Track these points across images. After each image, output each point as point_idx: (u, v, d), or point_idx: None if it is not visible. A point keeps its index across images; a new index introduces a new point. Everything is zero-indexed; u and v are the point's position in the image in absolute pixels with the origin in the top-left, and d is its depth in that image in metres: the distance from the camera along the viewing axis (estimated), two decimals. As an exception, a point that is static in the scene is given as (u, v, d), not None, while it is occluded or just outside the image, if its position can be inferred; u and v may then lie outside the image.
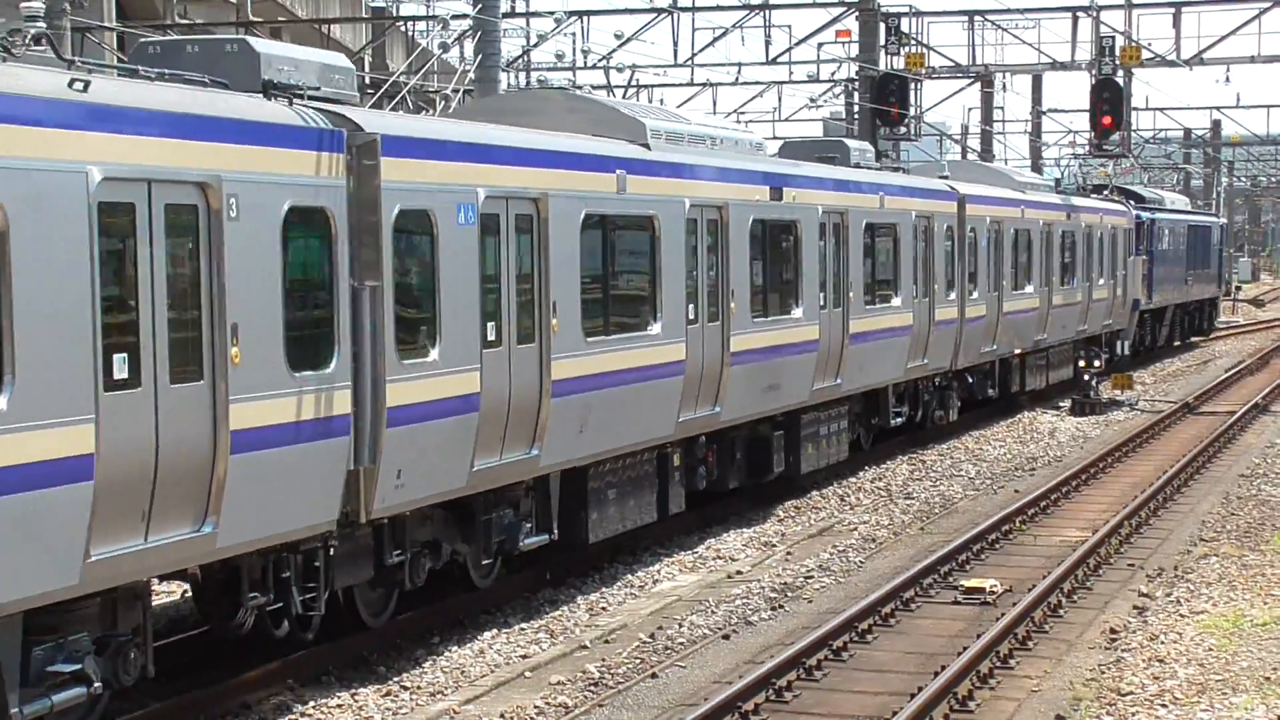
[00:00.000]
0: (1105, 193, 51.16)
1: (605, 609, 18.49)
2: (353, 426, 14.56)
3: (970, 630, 17.12)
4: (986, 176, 37.57)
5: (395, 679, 15.40)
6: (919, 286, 29.84)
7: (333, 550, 14.79)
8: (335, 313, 14.37)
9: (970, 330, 32.60)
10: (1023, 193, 37.32)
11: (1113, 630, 17.25)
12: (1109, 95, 41.48)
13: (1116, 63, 41.69)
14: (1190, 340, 61.75)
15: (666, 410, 20.36)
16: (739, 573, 20.32)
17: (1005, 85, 62.66)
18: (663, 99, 55.88)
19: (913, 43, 43.48)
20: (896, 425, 30.04)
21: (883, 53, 42.61)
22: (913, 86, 42.93)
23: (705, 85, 53.37)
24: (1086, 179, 56.39)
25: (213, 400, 12.83)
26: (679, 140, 21.64)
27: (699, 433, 21.76)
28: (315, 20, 46.69)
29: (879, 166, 31.30)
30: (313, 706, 14.42)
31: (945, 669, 15.06)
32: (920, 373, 30.28)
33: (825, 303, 25.50)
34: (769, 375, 23.34)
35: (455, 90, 30.89)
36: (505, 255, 17.04)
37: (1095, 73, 41.64)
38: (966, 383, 34.01)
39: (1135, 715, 14.01)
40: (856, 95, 45.82)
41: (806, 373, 24.69)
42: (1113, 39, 41.96)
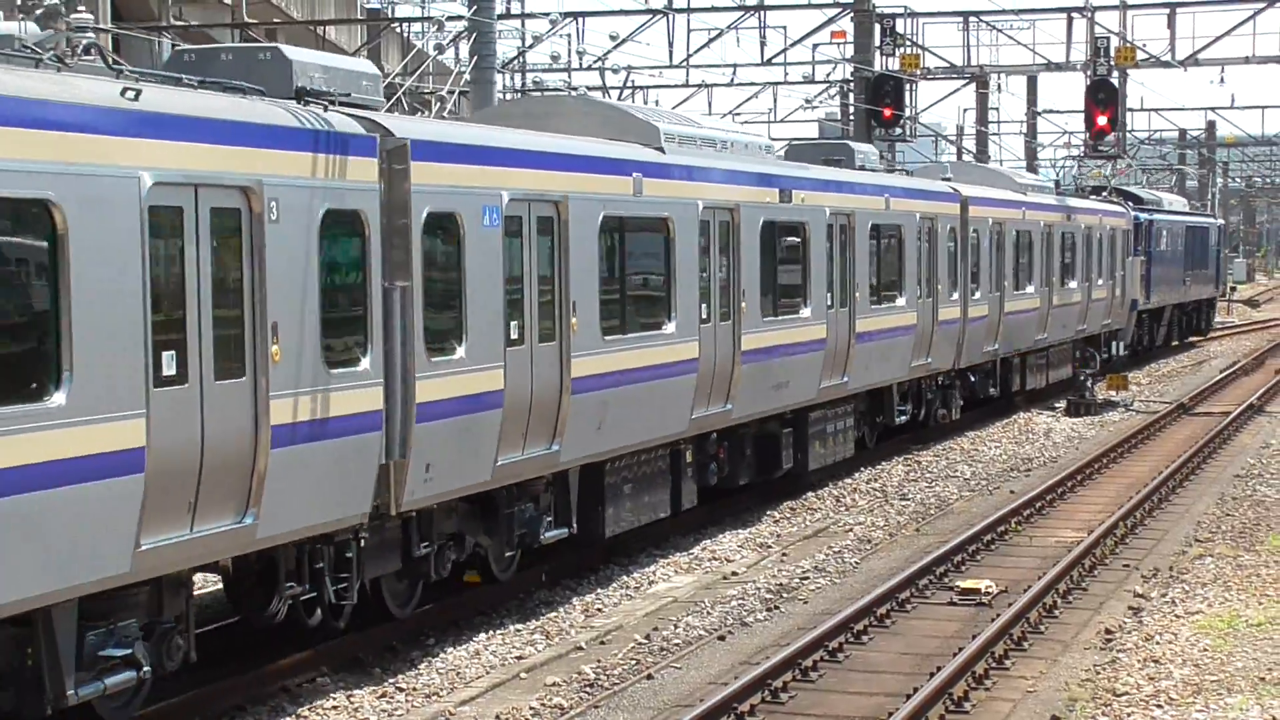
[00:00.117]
0: (1104, 194, 51.35)
1: (601, 610, 18.43)
2: (384, 422, 15.03)
3: (966, 631, 17.09)
4: (988, 178, 37.87)
5: (390, 680, 15.38)
6: (923, 287, 30.25)
7: (363, 542, 15.22)
8: (368, 312, 14.85)
9: (973, 330, 32.99)
10: (1024, 194, 37.67)
11: (1108, 631, 17.22)
12: (1104, 96, 41.32)
13: (1111, 63, 41.54)
14: (1188, 340, 61.79)
15: (680, 407, 20.82)
16: (734, 574, 20.27)
17: (1000, 86, 63.03)
18: (658, 100, 55.83)
19: (908, 43, 43.45)
20: (901, 424, 30.39)
21: (878, 54, 42.59)
22: (908, 87, 42.88)
23: (700, 86, 53.46)
24: (1082, 180, 56.55)
25: (254, 396, 13.30)
26: (691, 143, 22.02)
27: (711, 430, 22.20)
28: (310, 22, 46.56)
29: (883, 169, 31.72)
30: (308, 709, 14.44)
31: (941, 670, 15.04)
32: (924, 372, 30.66)
33: (832, 302, 25.89)
34: (778, 373, 23.76)
35: (450, 92, 31.12)
36: (527, 256, 17.51)
37: (1090, 73, 41.50)
38: (969, 382, 34.37)
39: (1130, 716, 14.02)
40: (852, 96, 45.91)
41: (814, 371, 25.11)
42: (1107, 40, 41.81)
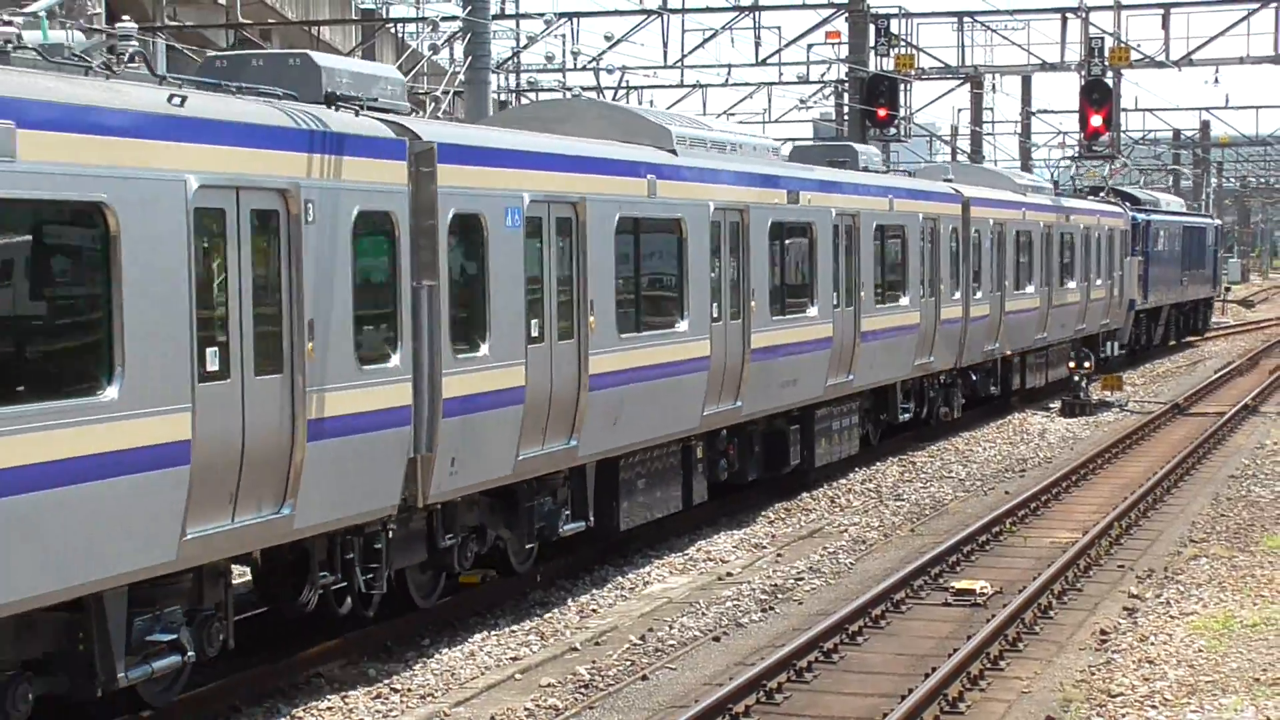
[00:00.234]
0: (1102, 195, 51.75)
1: (595, 611, 18.45)
2: (412, 417, 15.52)
3: (960, 632, 17.07)
4: (989, 179, 38.29)
5: (385, 681, 15.39)
6: (926, 286, 30.72)
7: (391, 533, 15.70)
8: (398, 310, 15.35)
9: (974, 329, 33.45)
10: (1024, 195, 38.12)
11: (1103, 631, 17.21)
12: (1098, 96, 41.22)
13: (1105, 64, 41.48)
14: (1185, 340, 62.06)
15: (692, 404, 21.29)
16: (730, 574, 20.29)
17: (995, 86, 62.93)
18: (652, 100, 56.06)
19: (902, 44, 43.49)
20: (904, 421, 30.81)
21: (872, 54, 42.67)
22: (902, 88, 42.94)
23: (695, 87, 53.44)
24: (1078, 180, 56.86)
25: (291, 391, 13.79)
26: (701, 146, 22.48)
27: (721, 426, 22.67)
28: (305, 22, 46.76)
29: (885, 170, 32.19)
30: (303, 710, 14.48)
31: (935, 671, 15.03)
32: (927, 370, 31.12)
33: (838, 302, 26.35)
34: (786, 371, 24.23)
35: (445, 92, 31.47)
36: (547, 256, 17.99)
37: (1084, 74, 41.40)
38: (970, 380, 34.82)
39: (1125, 716, 14.04)
40: (846, 96, 46.13)
41: (821, 369, 25.58)
42: (1102, 40, 41.71)
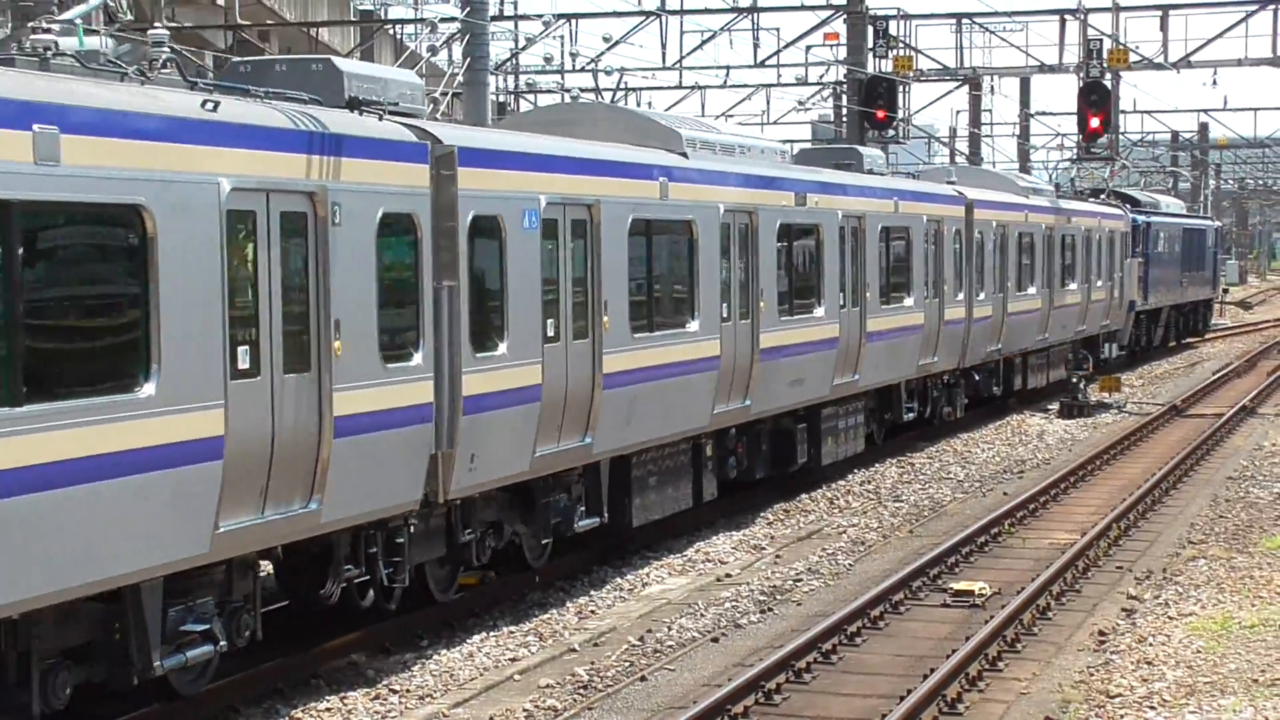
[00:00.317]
0: (1102, 197, 52.08)
1: (594, 612, 18.47)
2: (434, 414, 15.89)
3: (959, 633, 17.09)
4: (991, 182, 38.62)
5: (384, 682, 15.41)
6: (930, 288, 31.08)
7: (413, 528, 16.07)
8: (420, 310, 15.72)
9: (977, 330, 33.82)
10: (1026, 198, 38.48)
11: (1101, 632, 17.22)
12: (1096, 98, 41.33)
13: (1104, 65, 41.54)
14: (1185, 341, 62.27)
15: (702, 403, 21.66)
16: (728, 575, 20.32)
17: (993, 88, 63.21)
18: (650, 102, 56.25)
19: (900, 45, 43.63)
20: (908, 420, 31.16)
21: (871, 56, 42.80)
22: (901, 89, 43.09)
23: (694, 88, 53.60)
24: (1077, 182, 57.20)
25: (318, 389, 14.16)
26: (711, 149, 22.85)
27: (730, 425, 23.04)
28: (303, 23, 46.81)
29: (890, 172, 32.56)
30: (301, 710, 14.51)
31: (934, 671, 15.05)
32: (930, 370, 31.49)
33: (844, 302, 26.72)
34: (794, 371, 24.60)
35: (444, 93, 31.79)
36: (563, 257, 18.37)
37: (1083, 75, 41.56)
38: (973, 380, 35.19)
39: (1124, 717, 14.06)
40: (845, 98, 46.21)
41: (827, 369, 25.96)
42: (1100, 41, 41.82)
